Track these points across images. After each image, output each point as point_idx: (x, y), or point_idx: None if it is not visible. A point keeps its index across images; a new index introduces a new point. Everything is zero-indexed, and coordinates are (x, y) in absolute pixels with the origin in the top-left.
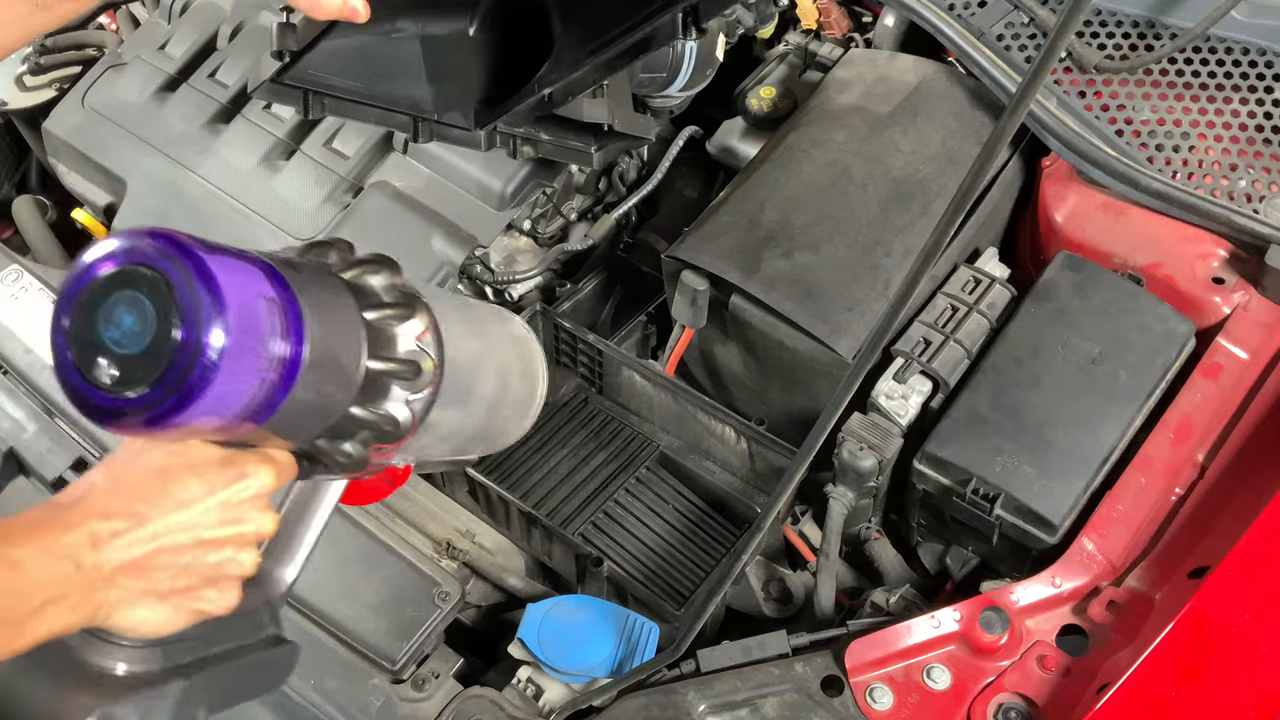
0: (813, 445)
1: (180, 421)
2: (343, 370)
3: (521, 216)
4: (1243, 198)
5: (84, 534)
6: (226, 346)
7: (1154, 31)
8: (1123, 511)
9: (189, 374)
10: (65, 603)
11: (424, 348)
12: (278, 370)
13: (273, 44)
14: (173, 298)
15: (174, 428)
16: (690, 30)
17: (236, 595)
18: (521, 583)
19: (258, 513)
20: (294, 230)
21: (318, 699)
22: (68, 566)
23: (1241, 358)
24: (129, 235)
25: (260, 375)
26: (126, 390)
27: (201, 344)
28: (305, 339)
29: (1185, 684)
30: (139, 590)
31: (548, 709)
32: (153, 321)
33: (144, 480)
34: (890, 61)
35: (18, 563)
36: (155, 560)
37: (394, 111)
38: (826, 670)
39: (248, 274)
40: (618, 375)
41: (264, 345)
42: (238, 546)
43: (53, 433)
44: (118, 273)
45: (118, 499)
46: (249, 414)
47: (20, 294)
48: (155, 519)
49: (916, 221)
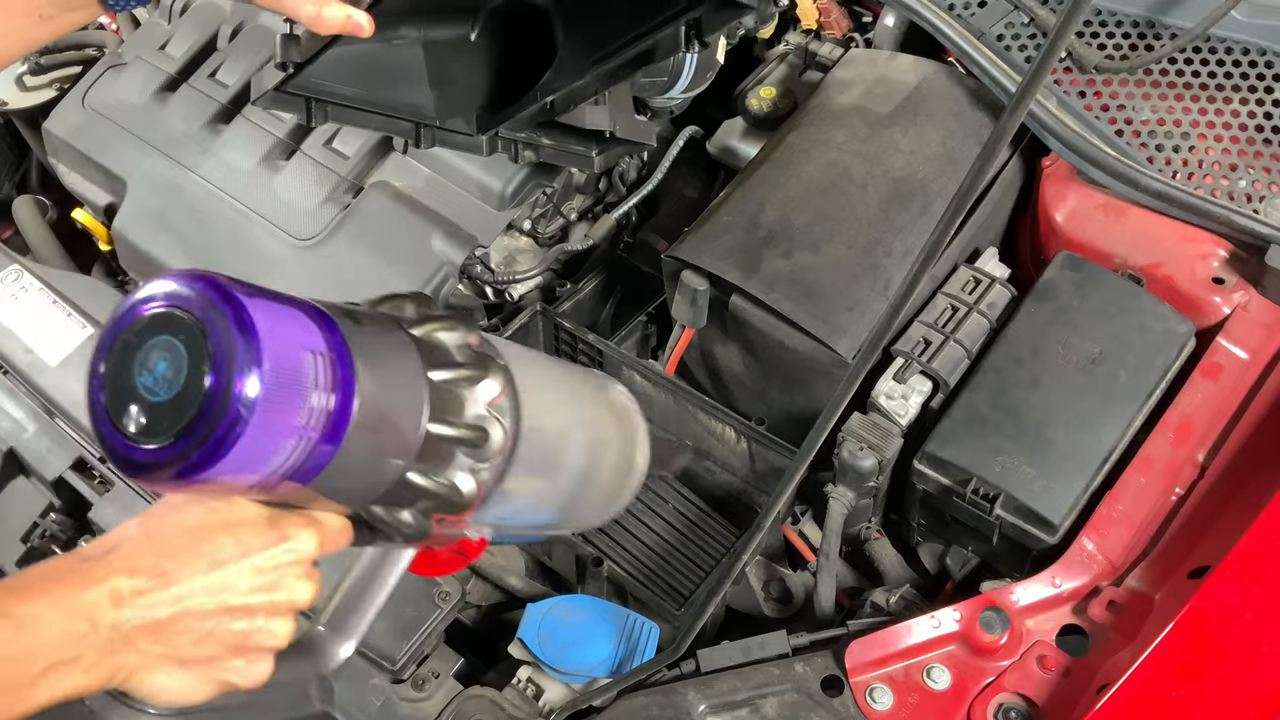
0: (813, 445)
1: (208, 477)
2: (399, 433)
3: (522, 216)
4: (1243, 198)
5: (105, 591)
6: (259, 398)
7: (1154, 31)
8: (1123, 511)
9: (216, 425)
10: (78, 664)
11: (496, 414)
12: (320, 428)
13: (276, 56)
14: (206, 344)
15: (203, 483)
16: (693, 44)
17: (268, 668)
18: (521, 583)
19: (295, 579)
20: (294, 230)
21: None
22: (83, 625)
23: (1241, 358)
24: (171, 277)
25: (299, 432)
26: (152, 440)
27: (232, 394)
28: (355, 396)
29: (1185, 684)
30: (159, 654)
31: (548, 709)
32: (185, 368)
33: (177, 536)
34: (890, 61)
35: (25, 621)
36: (178, 624)
37: (396, 118)
38: (826, 670)
39: (295, 323)
40: (618, 375)
41: (304, 400)
42: (269, 615)
43: (53, 433)
44: (156, 316)
45: (147, 555)
46: (289, 473)
47: (20, 294)
48: (182, 579)
49: (916, 221)
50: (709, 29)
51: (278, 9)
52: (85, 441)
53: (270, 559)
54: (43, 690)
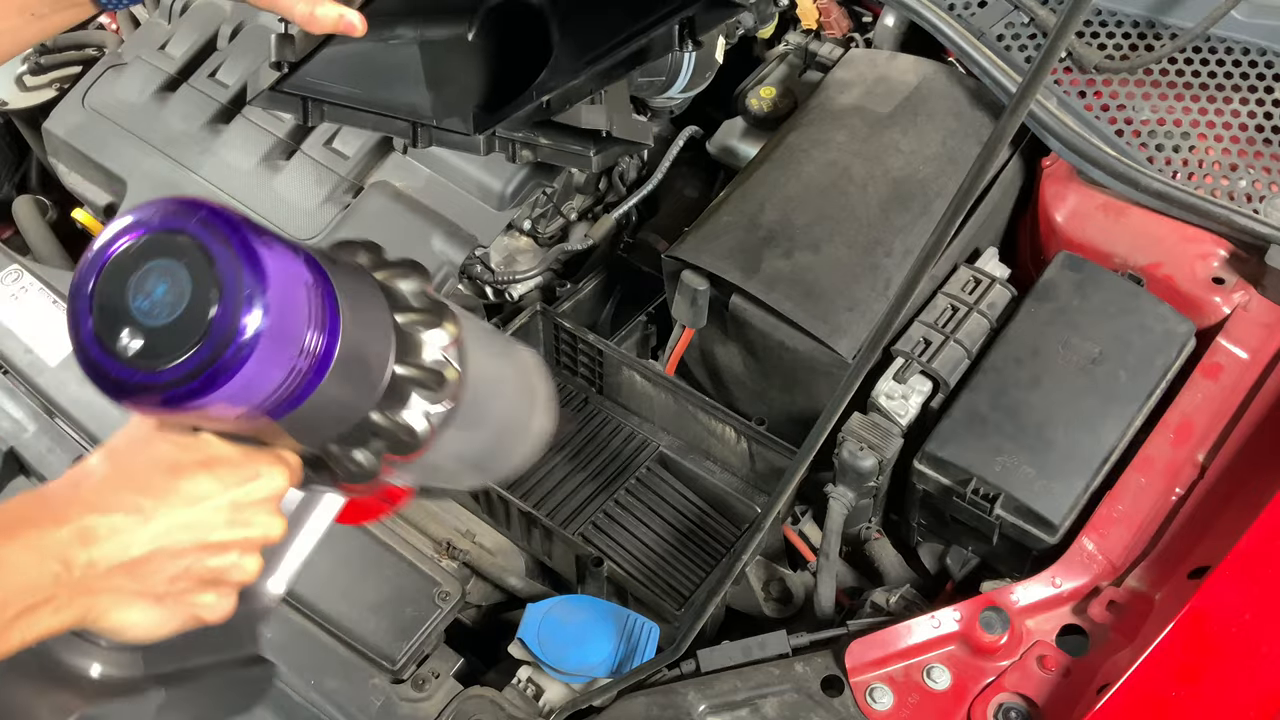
0: (813, 445)
1: (202, 404)
2: (370, 371)
3: (522, 216)
4: (1243, 198)
5: (76, 530)
6: (264, 329)
7: (1154, 31)
8: (1123, 511)
9: (221, 353)
10: (49, 605)
11: (449, 359)
12: (309, 361)
13: (271, 55)
14: (213, 270)
15: (193, 410)
16: (686, 43)
17: (233, 602)
18: (521, 583)
19: (267, 516)
20: (294, 230)
21: (318, 699)
22: (55, 566)
23: (1241, 358)
24: (169, 202)
25: (293, 363)
26: (151, 364)
27: (239, 323)
28: (340, 333)
29: (1185, 684)
30: (132, 591)
31: (548, 709)
32: (188, 294)
33: (150, 473)
34: (890, 61)
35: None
36: (153, 562)
37: (393, 117)
38: (826, 670)
39: (289, 258)
40: (618, 375)
41: (301, 333)
42: (243, 551)
43: (53, 433)
44: (154, 239)
45: (119, 492)
46: (272, 406)
47: (20, 294)
48: (159, 516)
49: (916, 221)
50: (702, 28)
51: (272, 8)
52: (85, 441)
53: (246, 494)
54: (15, 635)
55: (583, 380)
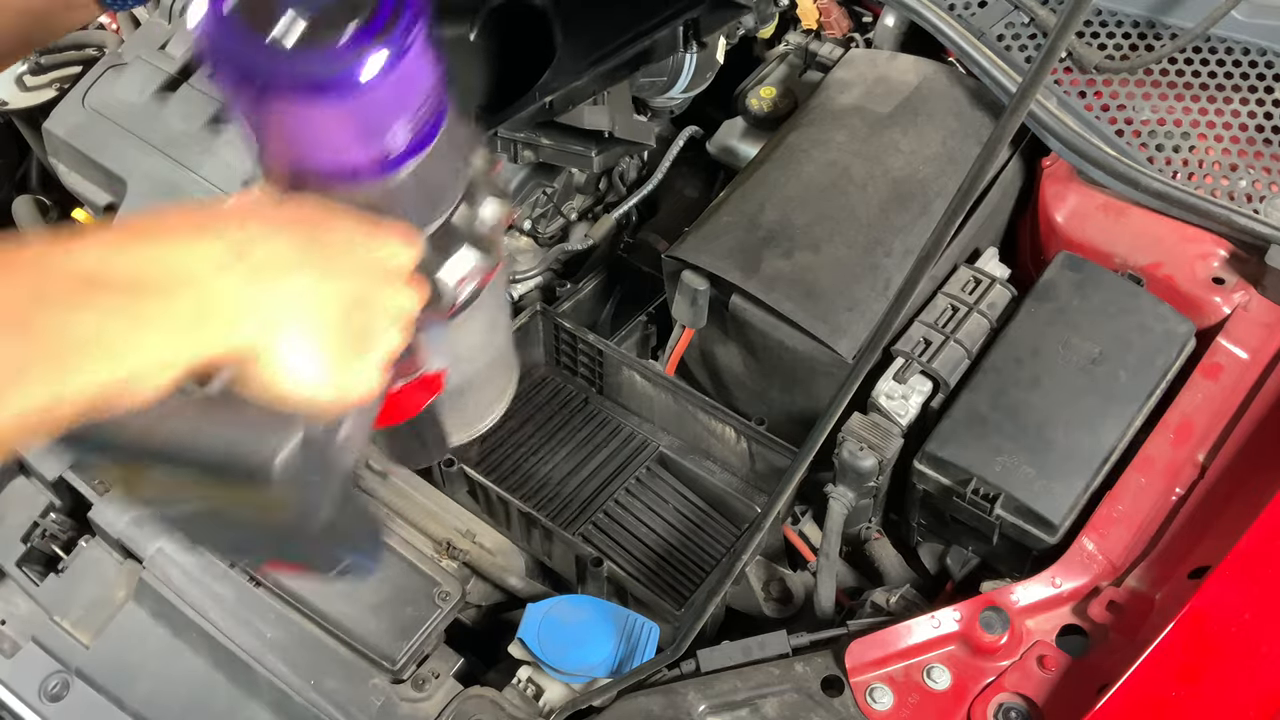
0: (813, 445)
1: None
2: (458, 167)
3: (522, 216)
4: (1243, 198)
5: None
6: (420, 29)
7: (1154, 31)
8: (1123, 511)
9: (399, 20)
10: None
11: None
12: (432, 107)
13: None
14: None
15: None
16: (691, 44)
17: (381, 378)
18: (521, 583)
19: (406, 285)
20: None
21: (318, 699)
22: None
23: (1242, 358)
24: None
25: (425, 93)
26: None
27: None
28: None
29: (1185, 684)
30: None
31: (548, 709)
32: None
33: (304, 219)
34: (890, 61)
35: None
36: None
37: None
38: (826, 670)
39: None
40: (618, 375)
41: (430, 66)
42: (392, 318)
43: None
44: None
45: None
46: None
47: None
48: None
49: (916, 221)
50: (707, 29)
51: None
52: None
53: (394, 257)
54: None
55: (583, 380)
